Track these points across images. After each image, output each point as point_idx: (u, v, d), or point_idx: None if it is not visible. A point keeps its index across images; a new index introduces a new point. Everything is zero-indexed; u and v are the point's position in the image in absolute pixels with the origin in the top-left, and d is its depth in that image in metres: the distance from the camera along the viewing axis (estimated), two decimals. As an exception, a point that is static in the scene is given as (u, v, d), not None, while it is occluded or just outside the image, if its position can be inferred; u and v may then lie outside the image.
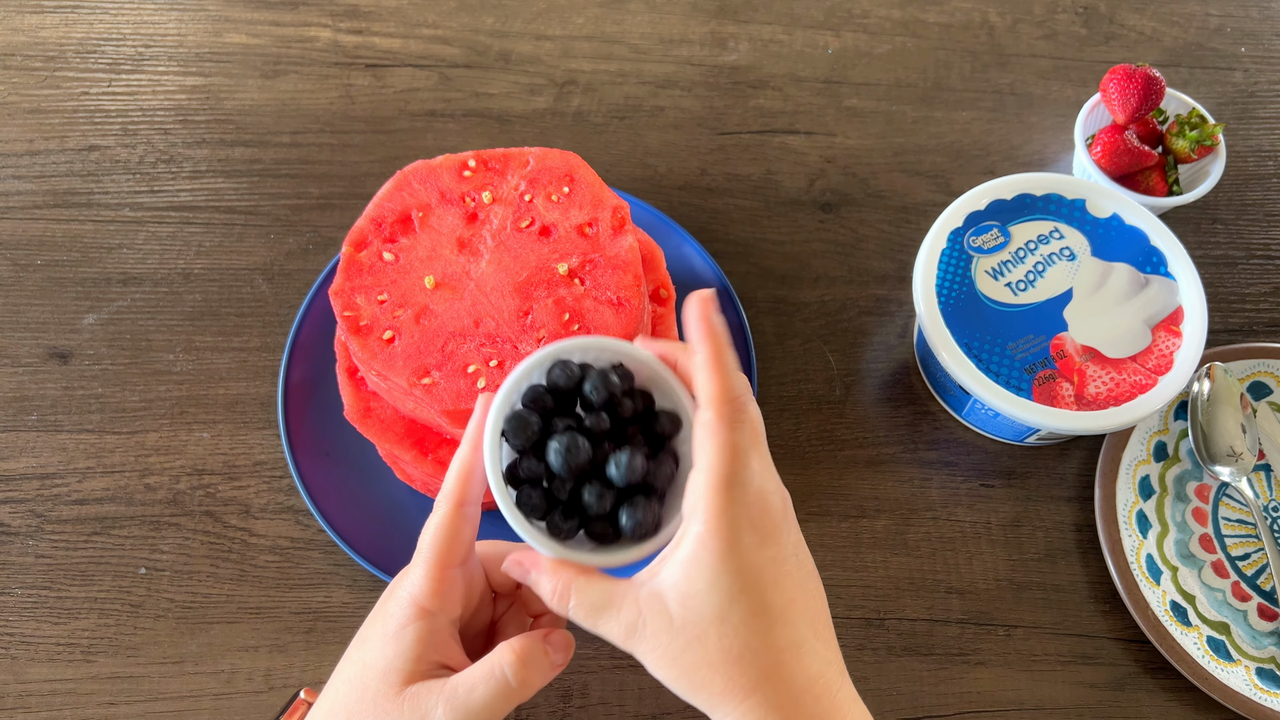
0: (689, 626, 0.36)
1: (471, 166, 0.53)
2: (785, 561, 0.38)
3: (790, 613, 0.37)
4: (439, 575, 0.40)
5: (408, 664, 0.40)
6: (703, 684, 0.36)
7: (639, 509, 0.39)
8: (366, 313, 0.49)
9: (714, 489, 0.36)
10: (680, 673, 0.37)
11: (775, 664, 0.36)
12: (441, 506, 0.40)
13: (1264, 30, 0.79)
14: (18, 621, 0.55)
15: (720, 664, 0.36)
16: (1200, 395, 0.61)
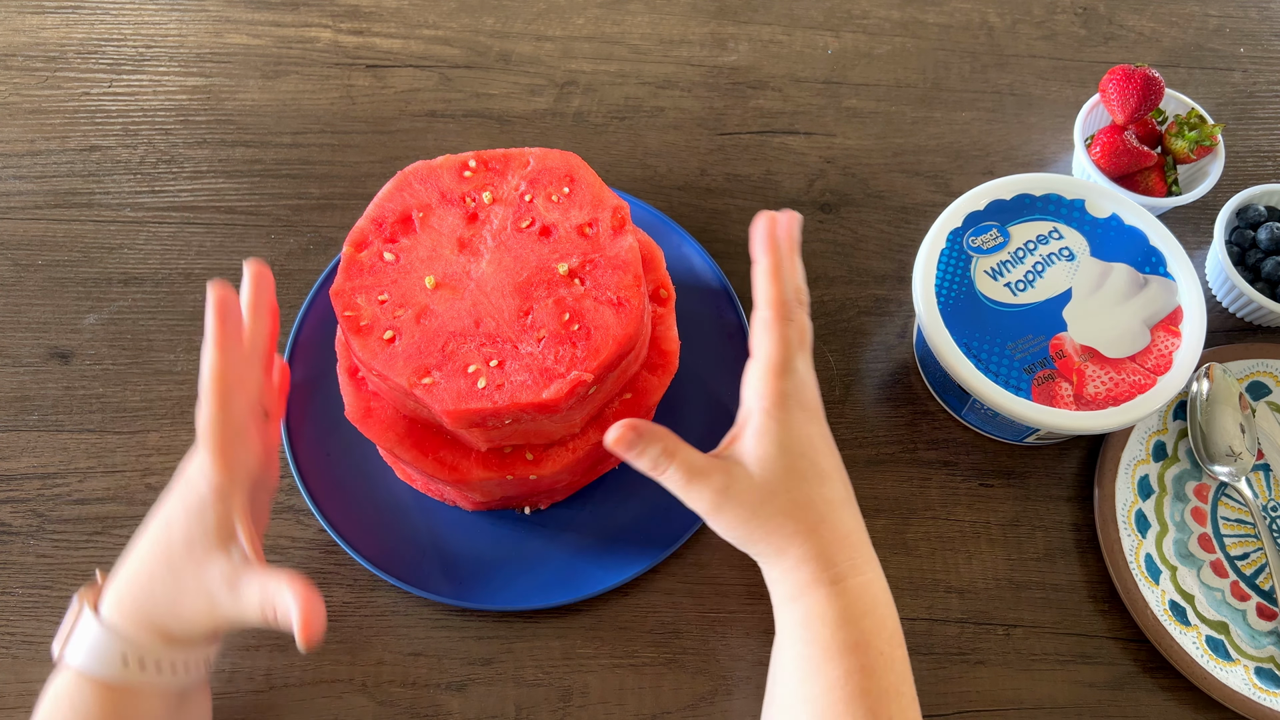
0: (767, 483, 0.45)
1: (472, 167, 0.53)
2: (826, 436, 0.47)
3: (834, 476, 0.46)
4: (221, 456, 0.46)
5: (208, 541, 0.45)
6: (777, 528, 0.44)
7: None
8: (367, 313, 0.49)
9: (773, 373, 0.46)
10: (760, 522, 0.45)
11: (828, 512, 0.45)
12: (206, 400, 0.46)
13: (1263, 31, 0.80)
14: (19, 621, 0.55)
15: (791, 511, 0.44)
16: (1199, 395, 0.61)
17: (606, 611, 0.56)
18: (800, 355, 0.47)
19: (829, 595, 0.44)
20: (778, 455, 0.45)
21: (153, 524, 0.47)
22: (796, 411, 0.46)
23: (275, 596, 0.44)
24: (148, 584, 0.45)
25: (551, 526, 0.57)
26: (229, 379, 0.47)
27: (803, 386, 0.47)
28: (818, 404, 0.48)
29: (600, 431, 0.52)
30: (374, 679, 0.54)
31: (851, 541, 0.45)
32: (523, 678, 0.54)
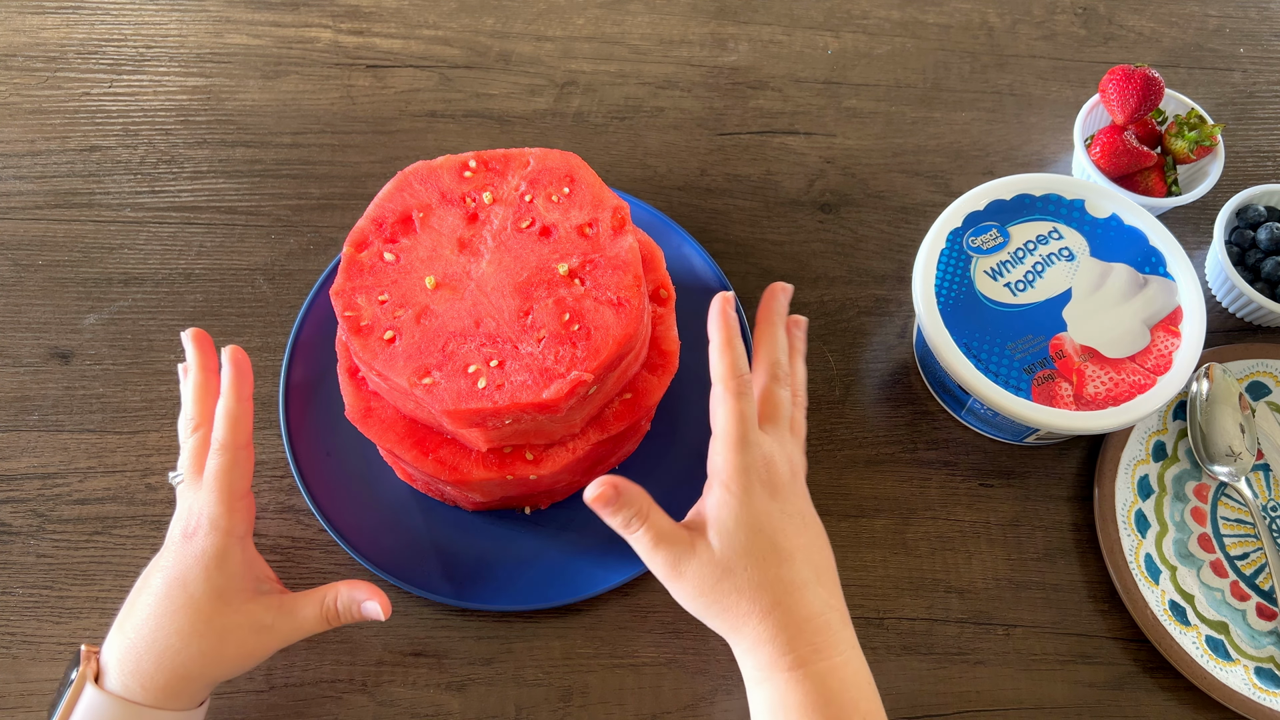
0: (725, 559, 0.44)
1: (472, 167, 0.53)
2: (791, 516, 0.46)
3: (796, 556, 0.45)
4: (240, 505, 0.48)
5: (237, 584, 0.47)
6: (732, 606, 0.44)
7: None
8: (367, 313, 0.49)
9: (729, 448, 0.46)
10: (715, 598, 0.44)
11: (785, 594, 0.44)
12: (221, 452, 0.49)
13: (1263, 31, 0.80)
14: (19, 621, 0.55)
15: (746, 590, 0.44)
16: (1199, 395, 0.61)
17: (606, 611, 0.56)
18: (769, 428, 0.48)
19: (789, 681, 0.43)
20: (734, 531, 0.44)
21: (158, 589, 0.46)
22: (756, 488, 0.45)
23: (337, 599, 0.49)
24: (179, 645, 0.45)
25: (551, 526, 0.57)
26: (246, 433, 0.50)
27: (766, 462, 0.46)
28: (787, 479, 0.47)
29: (600, 431, 0.52)
30: (374, 679, 0.54)
31: (816, 625, 0.44)
32: (523, 678, 0.54)
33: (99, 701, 0.45)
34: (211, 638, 0.46)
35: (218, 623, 0.46)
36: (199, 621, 0.46)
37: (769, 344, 0.51)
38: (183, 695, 0.46)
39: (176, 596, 0.46)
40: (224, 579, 0.47)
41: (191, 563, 0.47)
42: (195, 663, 0.46)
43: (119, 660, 0.45)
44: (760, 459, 0.46)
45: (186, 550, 0.47)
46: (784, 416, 0.49)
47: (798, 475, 0.48)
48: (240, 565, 0.48)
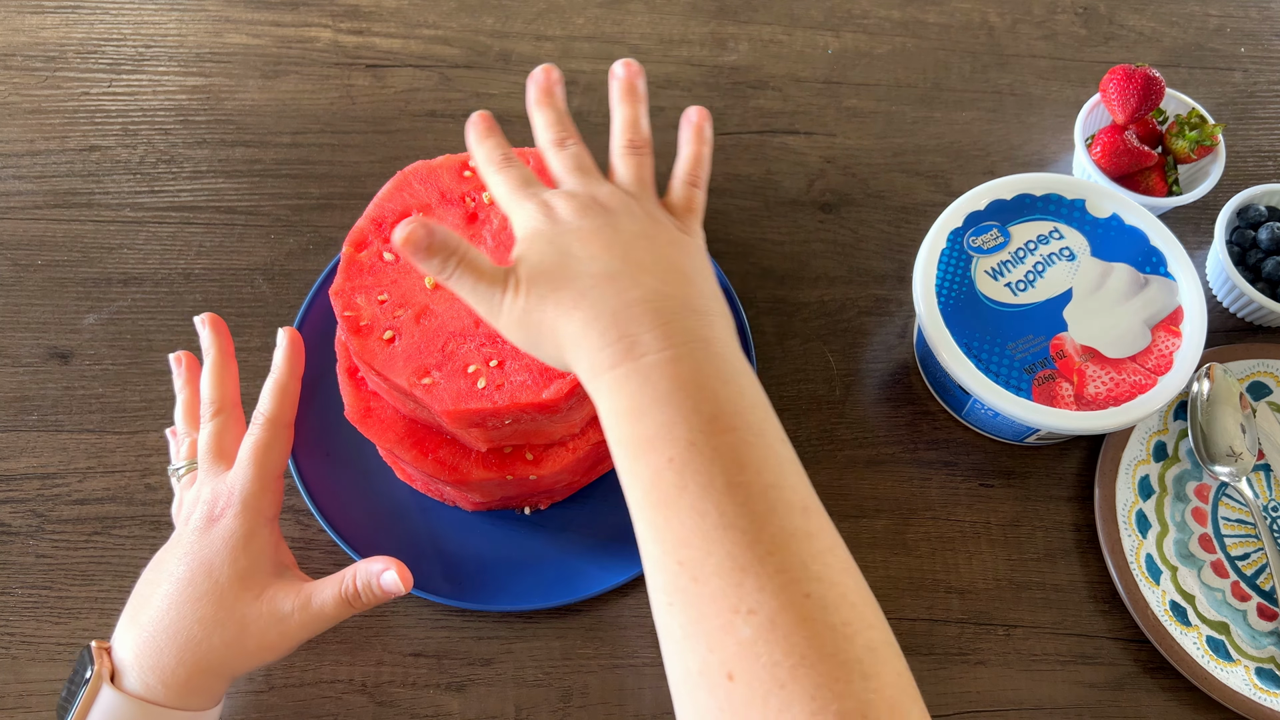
0: (528, 278, 0.40)
1: (472, 167, 0.53)
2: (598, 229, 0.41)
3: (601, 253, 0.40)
4: (274, 486, 0.48)
5: (262, 569, 0.46)
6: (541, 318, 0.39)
7: None
8: (367, 313, 0.49)
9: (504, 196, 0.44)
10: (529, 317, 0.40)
11: (590, 285, 0.39)
12: (267, 427, 0.48)
13: (1263, 31, 0.80)
14: (18, 621, 0.55)
15: (549, 293, 0.39)
16: (1200, 395, 0.61)
17: (606, 611, 0.56)
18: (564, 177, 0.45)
19: (610, 384, 0.37)
20: (528, 248, 0.40)
21: (180, 576, 0.45)
22: (546, 221, 0.41)
23: (355, 578, 0.47)
24: (200, 636, 0.44)
25: (551, 526, 0.57)
26: (293, 412, 0.50)
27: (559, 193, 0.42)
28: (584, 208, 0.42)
29: (600, 431, 0.52)
30: (374, 679, 0.54)
31: (634, 314, 0.38)
32: (523, 678, 0.54)
33: (117, 704, 0.42)
34: (233, 627, 0.44)
35: (239, 611, 0.45)
36: (221, 610, 0.44)
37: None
38: (203, 692, 0.45)
39: (201, 583, 0.45)
40: (249, 562, 0.45)
41: (219, 546, 0.45)
42: (218, 654, 0.44)
43: (136, 655, 0.44)
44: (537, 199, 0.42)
45: (213, 533, 0.46)
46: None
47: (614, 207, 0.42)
48: (266, 549, 0.47)
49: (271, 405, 0.49)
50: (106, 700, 0.43)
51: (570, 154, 0.46)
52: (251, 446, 0.48)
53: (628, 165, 0.46)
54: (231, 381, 0.52)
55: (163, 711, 0.43)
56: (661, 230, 0.42)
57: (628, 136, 0.47)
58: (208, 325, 0.53)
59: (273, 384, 0.50)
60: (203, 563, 0.45)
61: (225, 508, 0.46)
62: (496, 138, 0.47)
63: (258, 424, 0.49)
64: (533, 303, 0.40)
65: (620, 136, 0.47)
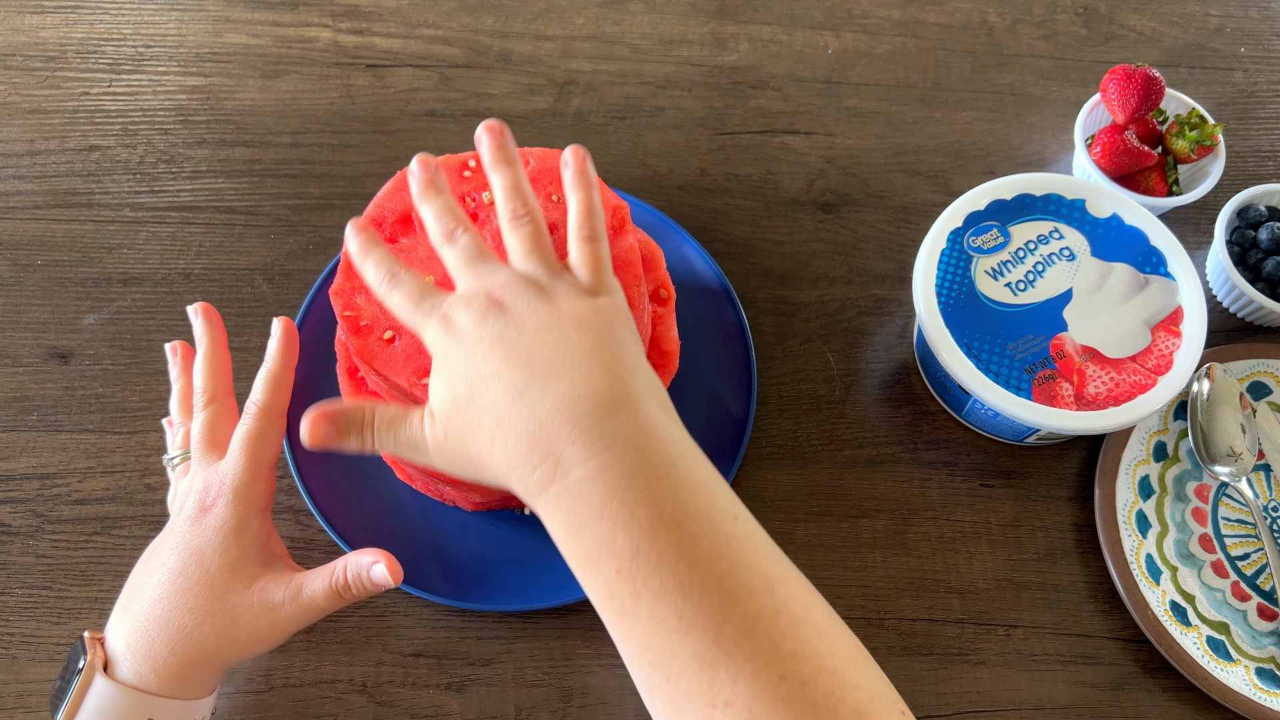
0: (444, 414, 0.39)
1: (472, 167, 0.53)
2: (493, 338, 0.39)
3: (504, 368, 0.38)
4: (265, 475, 0.47)
5: (253, 559, 0.46)
6: (469, 453, 0.39)
7: None
8: (367, 313, 0.49)
9: (408, 324, 0.42)
10: (456, 453, 0.39)
11: (502, 409, 0.37)
12: (259, 416, 0.48)
13: (1264, 30, 0.80)
14: (18, 621, 0.55)
15: (467, 428, 0.38)
16: (1200, 395, 0.61)
17: (606, 612, 0.56)
18: (459, 274, 0.42)
19: (545, 506, 0.37)
20: (441, 383, 0.40)
21: (171, 566, 0.45)
22: (435, 330, 0.40)
23: (345, 570, 0.46)
24: (191, 626, 0.44)
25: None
26: (285, 402, 0.50)
27: (445, 311, 0.41)
28: (474, 312, 0.40)
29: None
30: (374, 679, 0.54)
31: (548, 431, 0.36)
32: (523, 678, 0.54)
33: (110, 693, 0.43)
34: (224, 617, 0.44)
35: (230, 601, 0.45)
36: (212, 600, 0.44)
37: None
38: (195, 681, 0.45)
39: (192, 573, 0.44)
40: (239, 551, 0.45)
41: (210, 535, 0.45)
42: (209, 644, 0.44)
43: (129, 645, 0.44)
44: (437, 312, 0.41)
45: (204, 523, 0.46)
46: (468, 257, 0.42)
47: (514, 300, 0.40)
48: (257, 539, 0.46)
49: (264, 395, 0.49)
50: (99, 690, 0.43)
51: (461, 246, 0.43)
52: (244, 436, 0.48)
53: (518, 240, 0.43)
54: (224, 371, 0.52)
55: (155, 700, 0.43)
56: (563, 311, 0.40)
57: (510, 207, 0.44)
58: (200, 315, 0.54)
59: (265, 373, 0.50)
60: (194, 552, 0.45)
61: (216, 497, 0.46)
62: (380, 249, 0.44)
63: (250, 413, 0.49)
64: (454, 441, 0.39)
65: (504, 209, 0.44)
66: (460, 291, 0.42)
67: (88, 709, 0.43)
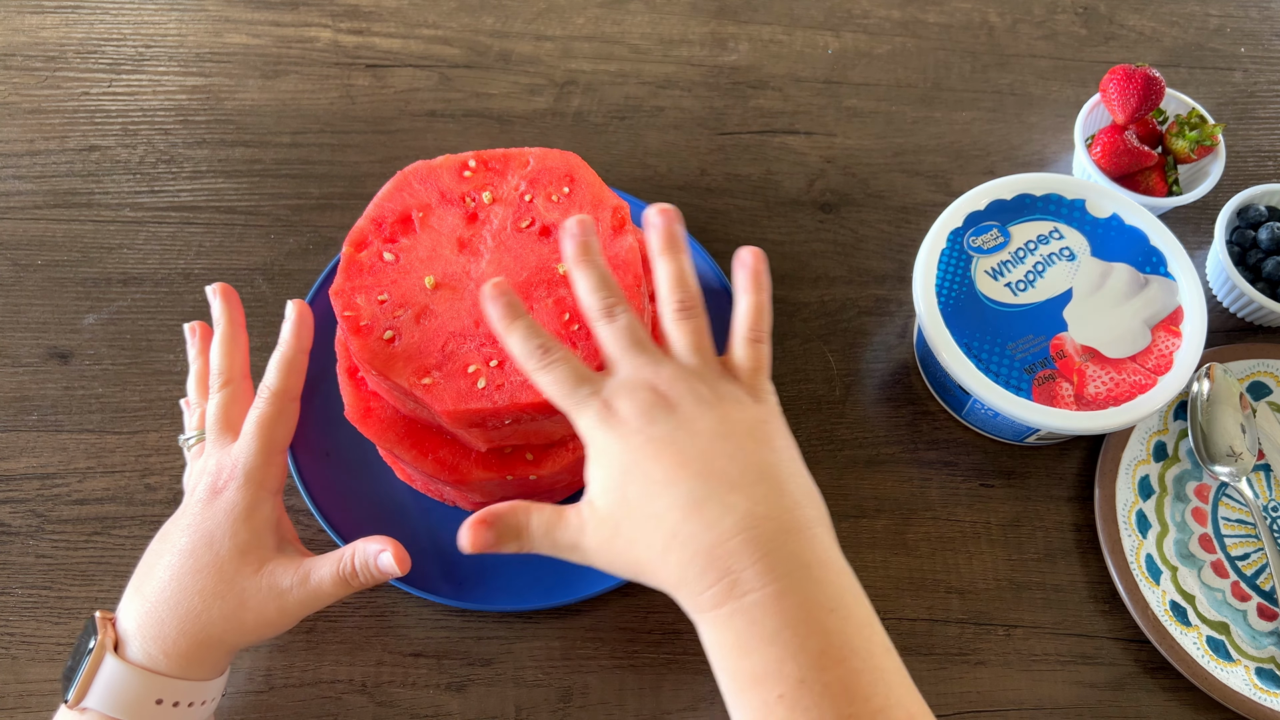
0: (609, 512, 0.39)
1: (472, 167, 0.53)
2: (664, 437, 0.39)
3: (682, 475, 0.38)
4: (278, 459, 0.47)
5: (263, 543, 0.46)
6: (635, 558, 0.39)
7: None
8: (367, 313, 0.49)
9: (564, 407, 0.42)
10: (619, 555, 0.39)
11: (679, 521, 0.37)
12: (272, 400, 0.48)
13: (1264, 30, 0.80)
14: (18, 621, 0.55)
15: (638, 534, 0.38)
16: (1200, 395, 0.61)
17: (606, 611, 0.56)
18: (621, 360, 0.42)
19: (714, 622, 0.37)
20: (604, 482, 0.40)
21: (182, 547, 0.45)
22: (606, 429, 0.40)
23: (354, 557, 0.46)
24: (200, 608, 0.44)
25: (551, 527, 0.57)
26: (299, 385, 0.49)
27: (612, 399, 0.40)
28: (646, 405, 0.40)
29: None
30: (374, 679, 0.54)
31: (730, 549, 0.37)
32: (523, 678, 0.54)
33: (120, 673, 0.42)
34: (232, 600, 0.44)
35: (239, 584, 0.44)
36: (221, 582, 0.44)
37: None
38: (205, 663, 0.45)
39: (202, 555, 0.44)
40: (250, 535, 0.45)
41: (221, 518, 0.45)
42: (217, 626, 0.44)
43: (139, 626, 0.44)
44: (606, 398, 0.40)
45: (215, 505, 0.46)
46: (632, 346, 0.42)
47: (680, 396, 0.40)
48: (267, 522, 0.46)
49: (278, 378, 0.49)
50: (109, 669, 0.43)
51: (621, 326, 0.43)
52: (256, 419, 0.48)
53: (683, 333, 0.43)
54: (241, 353, 0.52)
55: (165, 681, 0.43)
56: (735, 418, 0.40)
57: (677, 298, 0.44)
58: (219, 295, 0.53)
59: (279, 357, 0.50)
60: (205, 535, 0.45)
61: (228, 480, 0.46)
62: (525, 318, 0.43)
63: (263, 397, 0.48)
64: (622, 545, 0.39)
65: (669, 298, 0.44)
66: (621, 378, 0.41)
67: (98, 688, 0.42)
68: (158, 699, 0.43)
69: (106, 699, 0.42)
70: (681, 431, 0.39)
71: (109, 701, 0.42)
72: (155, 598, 0.44)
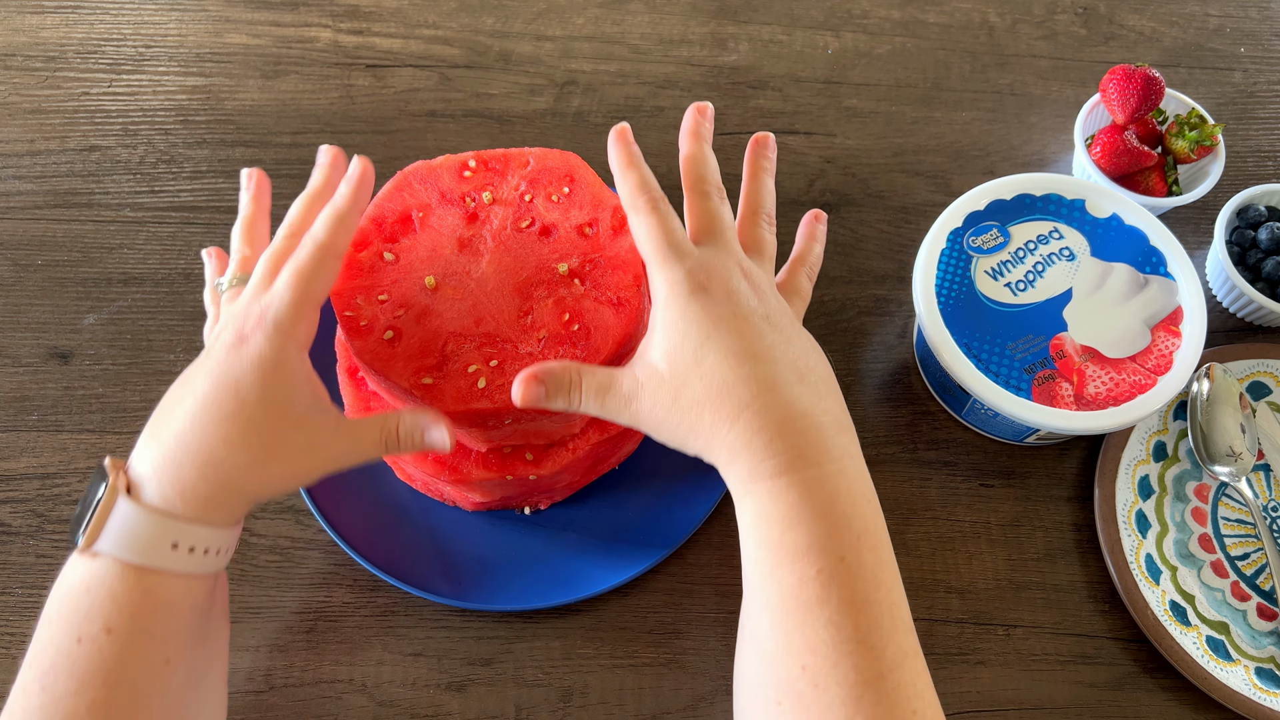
0: (675, 375, 0.40)
1: (472, 167, 0.53)
2: (748, 316, 0.41)
3: (763, 355, 0.40)
4: (310, 315, 0.44)
5: (295, 396, 0.43)
6: (696, 422, 0.40)
7: None
8: (367, 313, 0.49)
9: (656, 261, 0.42)
10: (678, 419, 0.40)
11: (756, 394, 0.39)
12: (319, 253, 0.44)
13: (1263, 31, 0.80)
14: (19, 621, 0.55)
15: (706, 399, 0.39)
16: (1199, 395, 0.61)
17: (606, 611, 0.56)
18: (708, 241, 0.44)
19: (771, 491, 0.38)
20: (680, 343, 0.40)
21: (204, 393, 0.42)
22: (696, 293, 0.41)
23: (399, 423, 0.45)
24: (224, 454, 0.41)
25: (551, 526, 0.57)
26: (347, 243, 0.45)
27: (698, 266, 0.42)
28: (744, 288, 0.42)
29: (600, 432, 0.52)
30: (374, 679, 0.54)
31: (800, 427, 0.39)
32: (523, 678, 0.54)
33: (133, 515, 0.40)
34: (260, 449, 0.42)
35: (268, 434, 0.42)
36: (249, 431, 0.42)
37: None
38: (223, 509, 0.42)
39: (226, 402, 0.42)
40: (280, 389, 0.42)
41: (247, 367, 0.42)
42: (240, 473, 0.42)
43: (155, 469, 0.41)
44: (696, 264, 0.42)
45: (240, 354, 0.42)
46: (725, 229, 0.45)
47: (762, 287, 0.43)
48: (298, 377, 0.43)
49: (325, 231, 0.44)
50: (123, 512, 0.40)
51: (714, 209, 0.45)
52: (295, 269, 0.43)
53: (767, 238, 0.47)
54: (321, 205, 0.48)
55: (181, 525, 0.41)
56: (799, 327, 0.43)
57: (768, 209, 0.48)
58: (329, 160, 0.50)
59: (331, 210, 0.45)
60: (229, 383, 0.42)
61: (255, 328, 0.43)
62: (642, 171, 0.45)
63: (306, 248, 0.44)
64: (682, 407, 0.40)
65: (762, 208, 0.48)
66: (711, 251, 0.43)
67: (110, 531, 0.40)
68: (173, 543, 0.41)
69: (120, 542, 0.40)
70: (760, 318, 0.41)
71: (122, 544, 0.40)
72: (173, 442, 0.42)
